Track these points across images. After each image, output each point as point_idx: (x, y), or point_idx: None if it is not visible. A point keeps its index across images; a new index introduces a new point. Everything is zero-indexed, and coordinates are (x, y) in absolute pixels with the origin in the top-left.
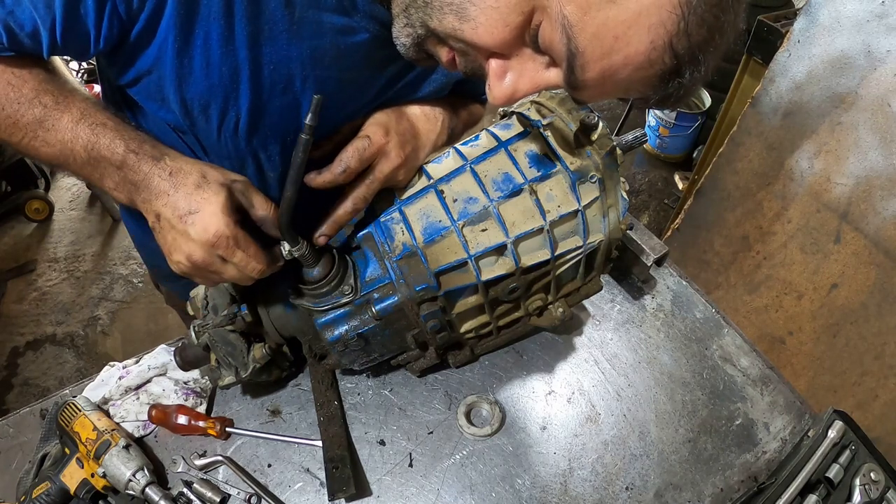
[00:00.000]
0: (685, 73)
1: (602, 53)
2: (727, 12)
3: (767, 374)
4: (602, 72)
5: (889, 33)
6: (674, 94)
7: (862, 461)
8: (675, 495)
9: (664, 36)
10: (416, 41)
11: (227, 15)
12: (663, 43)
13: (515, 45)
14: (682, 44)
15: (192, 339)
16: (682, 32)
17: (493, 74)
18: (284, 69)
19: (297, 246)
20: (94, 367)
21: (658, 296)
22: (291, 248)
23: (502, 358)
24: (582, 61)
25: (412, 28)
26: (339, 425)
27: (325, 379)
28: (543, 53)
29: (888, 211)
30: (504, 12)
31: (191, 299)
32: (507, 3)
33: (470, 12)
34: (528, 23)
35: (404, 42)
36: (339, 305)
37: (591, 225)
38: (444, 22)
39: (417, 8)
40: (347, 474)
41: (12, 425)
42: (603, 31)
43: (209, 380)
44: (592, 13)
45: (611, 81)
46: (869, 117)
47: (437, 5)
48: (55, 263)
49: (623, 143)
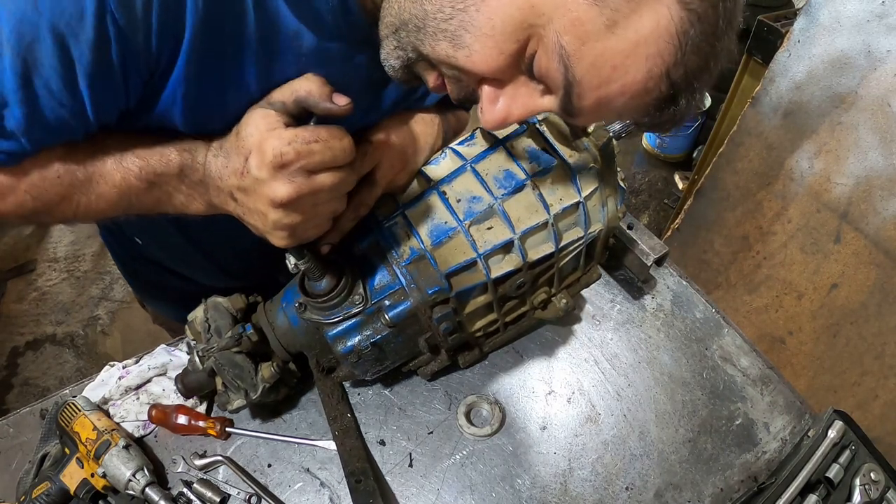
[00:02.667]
0: (681, 100)
1: (599, 83)
2: (721, 39)
3: (767, 374)
4: (598, 100)
5: (889, 33)
6: (668, 119)
7: (862, 461)
8: (675, 495)
9: (661, 65)
10: (406, 64)
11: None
12: (660, 72)
13: (510, 72)
14: (678, 72)
15: (196, 364)
16: (679, 62)
17: (485, 99)
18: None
19: (304, 259)
20: (94, 367)
21: (658, 296)
22: (297, 261)
23: (502, 358)
24: (579, 90)
25: (403, 51)
26: (356, 437)
27: (334, 392)
28: (538, 80)
29: (888, 211)
30: (499, 40)
31: (189, 323)
32: (503, 30)
33: (464, 39)
34: (523, 50)
35: (393, 64)
36: (350, 316)
37: (591, 215)
38: (438, 48)
39: (409, 32)
40: (372, 486)
41: (12, 425)
42: (601, 61)
43: (217, 405)
44: (591, 43)
45: (607, 108)
46: (869, 117)
47: (431, 31)
48: (55, 263)
49: (612, 133)
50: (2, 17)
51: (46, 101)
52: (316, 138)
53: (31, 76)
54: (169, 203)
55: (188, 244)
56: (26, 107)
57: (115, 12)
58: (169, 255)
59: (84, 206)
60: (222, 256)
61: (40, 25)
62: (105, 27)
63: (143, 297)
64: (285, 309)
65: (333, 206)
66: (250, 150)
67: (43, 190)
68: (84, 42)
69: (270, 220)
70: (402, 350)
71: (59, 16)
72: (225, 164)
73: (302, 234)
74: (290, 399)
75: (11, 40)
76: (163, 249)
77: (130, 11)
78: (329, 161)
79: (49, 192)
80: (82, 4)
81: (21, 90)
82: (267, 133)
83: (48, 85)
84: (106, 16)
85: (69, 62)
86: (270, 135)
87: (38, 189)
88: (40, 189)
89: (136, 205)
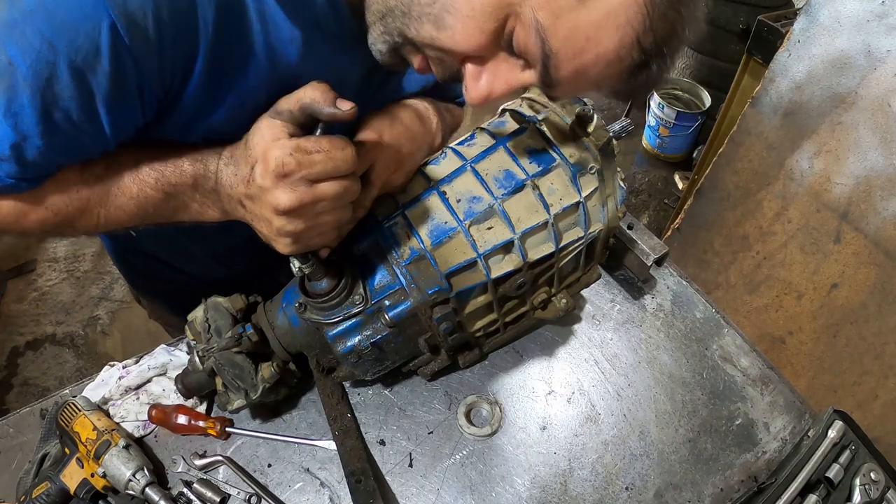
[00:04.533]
0: (652, 65)
1: (574, 53)
2: (687, 6)
3: (767, 373)
4: (575, 70)
5: (889, 33)
6: (642, 85)
7: (862, 461)
8: (675, 495)
9: (632, 34)
10: (392, 48)
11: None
12: (631, 40)
13: (491, 49)
14: (648, 39)
15: (196, 364)
16: (648, 29)
17: (469, 77)
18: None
19: (308, 263)
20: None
21: (658, 296)
22: (301, 264)
23: (502, 358)
24: (556, 62)
25: (389, 36)
26: (356, 437)
27: (334, 392)
28: (518, 56)
29: (888, 211)
30: (480, 20)
31: (189, 323)
32: (483, 11)
33: (447, 21)
34: (502, 28)
35: (380, 48)
36: (350, 316)
37: (591, 215)
38: (422, 31)
39: (395, 17)
40: (373, 486)
41: (12, 425)
42: (574, 33)
43: (217, 405)
44: (564, 17)
45: (583, 78)
46: (869, 117)
47: (415, 15)
48: (55, 263)
49: (612, 132)
50: (16, 56)
51: (66, 130)
52: (318, 148)
53: (51, 110)
54: (186, 212)
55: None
56: (46, 137)
57: (129, 45)
58: (163, 246)
59: (104, 219)
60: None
61: (57, 63)
62: (121, 59)
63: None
64: (285, 309)
65: (338, 214)
66: (256, 159)
67: (63, 206)
68: (101, 74)
69: (275, 227)
70: (403, 350)
71: (74, 52)
72: (234, 173)
73: (307, 242)
74: (290, 399)
75: (29, 79)
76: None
77: (145, 42)
78: (331, 171)
79: (69, 208)
80: (97, 41)
81: (41, 124)
82: (271, 143)
83: (68, 115)
84: (121, 48)
85: (88, 93)
86: (274, 144)
87: (59, 205)
88: (60, 205)
89: (155, 214)
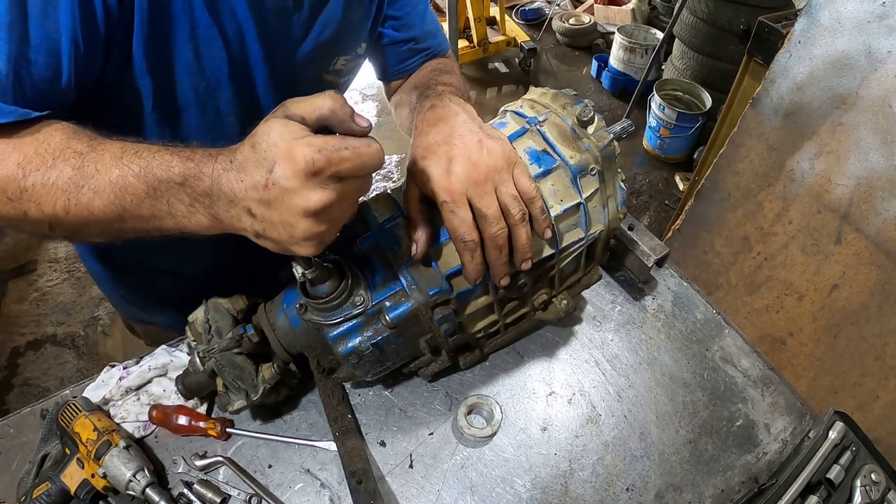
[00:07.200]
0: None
1: None
2: None
3: (768, 374)
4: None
5: (890, 34)
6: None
7: (863, 462)
8: (675, 496)
9: None
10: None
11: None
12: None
13: None
14: None
15: (196, 365)
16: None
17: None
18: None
19: (312, 268)
20: (95, 368)
21: (659, 297)
22: (305, 270)
23: (503, 359)
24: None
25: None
26: (357, 438)
27: (335, 393)
28: None
29: (889, 212)
30: None
31: (190, 324)
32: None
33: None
34: None
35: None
36: (351, 317)
37: (592, 216)
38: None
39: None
40: (373, 487)
41: (12, 425)
42: None
43: (218, 406)
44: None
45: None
46: (870, 118)
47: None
48: (56, 264)
49: (612, 134)
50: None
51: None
52: (346, 145)
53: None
54: (168, 214)
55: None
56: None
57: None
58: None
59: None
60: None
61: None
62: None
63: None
64: (286, 310)
65: (350, 211)
66: (275, 161)
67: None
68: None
69: (300, 230)
70: (403, 351)
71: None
72: (239, 179)
73: (326, 242)
74: (291, 400)
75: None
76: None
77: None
78: (359, 168)
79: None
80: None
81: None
82: (293, 141)
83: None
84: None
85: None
86: (299, 142)
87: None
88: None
89: (132, 211)
